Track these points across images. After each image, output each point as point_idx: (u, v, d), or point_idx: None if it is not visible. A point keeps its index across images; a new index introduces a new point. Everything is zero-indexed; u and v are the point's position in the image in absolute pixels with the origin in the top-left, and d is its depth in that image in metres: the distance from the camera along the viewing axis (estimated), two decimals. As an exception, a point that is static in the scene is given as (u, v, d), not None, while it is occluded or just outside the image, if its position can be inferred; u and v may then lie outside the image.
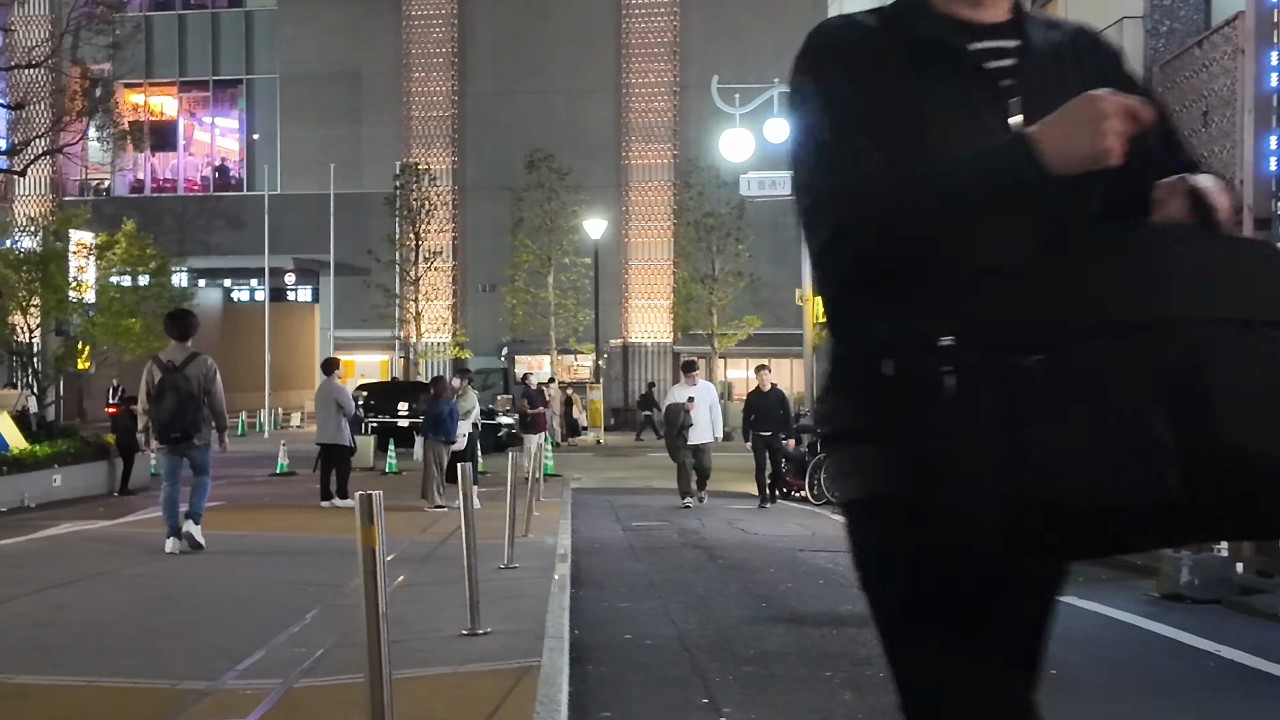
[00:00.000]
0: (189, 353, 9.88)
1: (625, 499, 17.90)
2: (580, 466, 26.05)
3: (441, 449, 14.79)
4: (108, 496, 19.95)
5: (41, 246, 22.13)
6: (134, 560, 9.20)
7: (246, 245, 43.69)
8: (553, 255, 37.53)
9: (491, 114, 43.33)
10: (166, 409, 9.54)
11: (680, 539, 12.08)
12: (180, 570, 8.77)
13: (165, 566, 8.94)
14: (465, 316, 43.27)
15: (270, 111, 45.76)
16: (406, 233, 38.94)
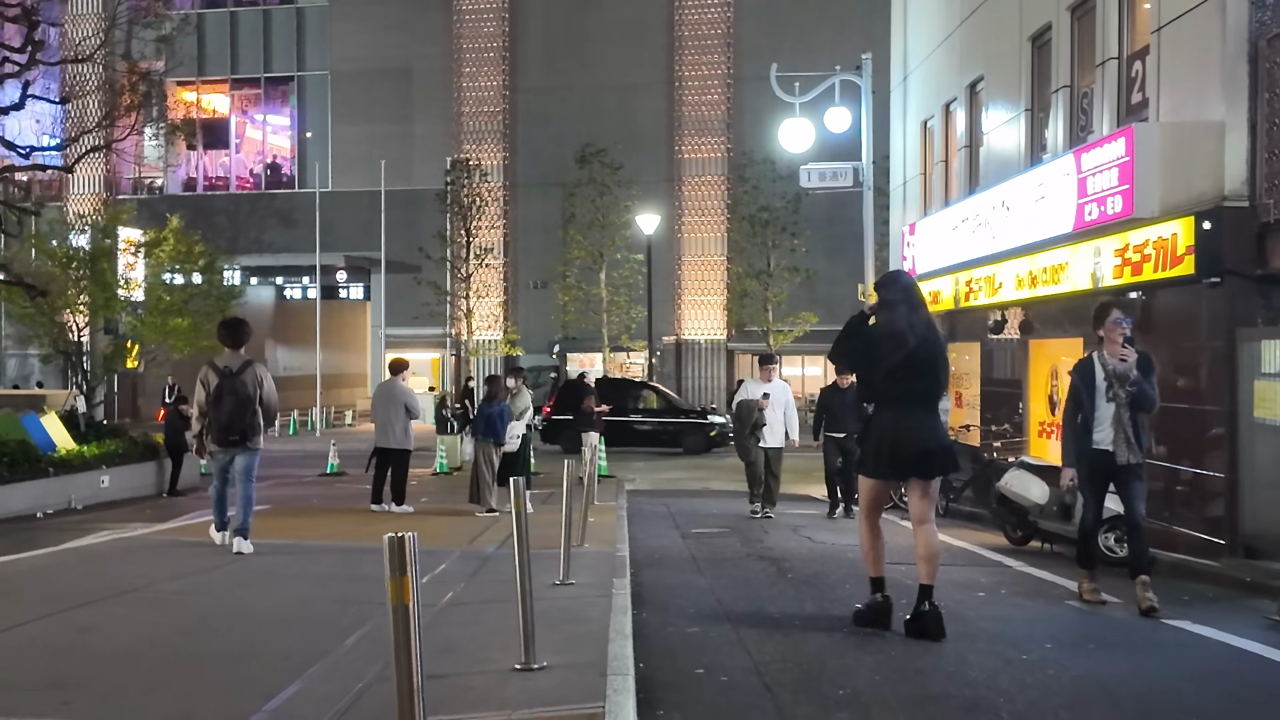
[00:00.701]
0: (243, 359, 10.31)
1: (683, 503, 17.26)
2: (634, 466, 25.46)
3: (492, 451, 14.23)
4: (156, 498, 19.62)
5: (90, 244, 21.82)
6: (170, 573, 8.70)
7: (298, 243, 43.56)
8: (605, 251, 36.95)
9: (542, 109, 42.84)
10: (225, 412, 10.00)
11: (744, 549, 11.42)
12: (217, 585, 8.25)
13: (202, 581, 8.43)
14: (516, 314, 42.82)
15: (321, 108, 45.60)
16: (457, 229, 38.53)
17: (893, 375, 6.74)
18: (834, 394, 14.65)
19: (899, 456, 6.82)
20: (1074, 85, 13.79)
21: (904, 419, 6.78)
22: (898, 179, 21.71)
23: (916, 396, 6.78)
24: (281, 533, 11.65)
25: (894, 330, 6.75)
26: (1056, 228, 13.06)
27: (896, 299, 6.88)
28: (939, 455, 6.87)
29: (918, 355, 6.72)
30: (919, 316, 6.87)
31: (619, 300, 37.07)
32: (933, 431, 6.85)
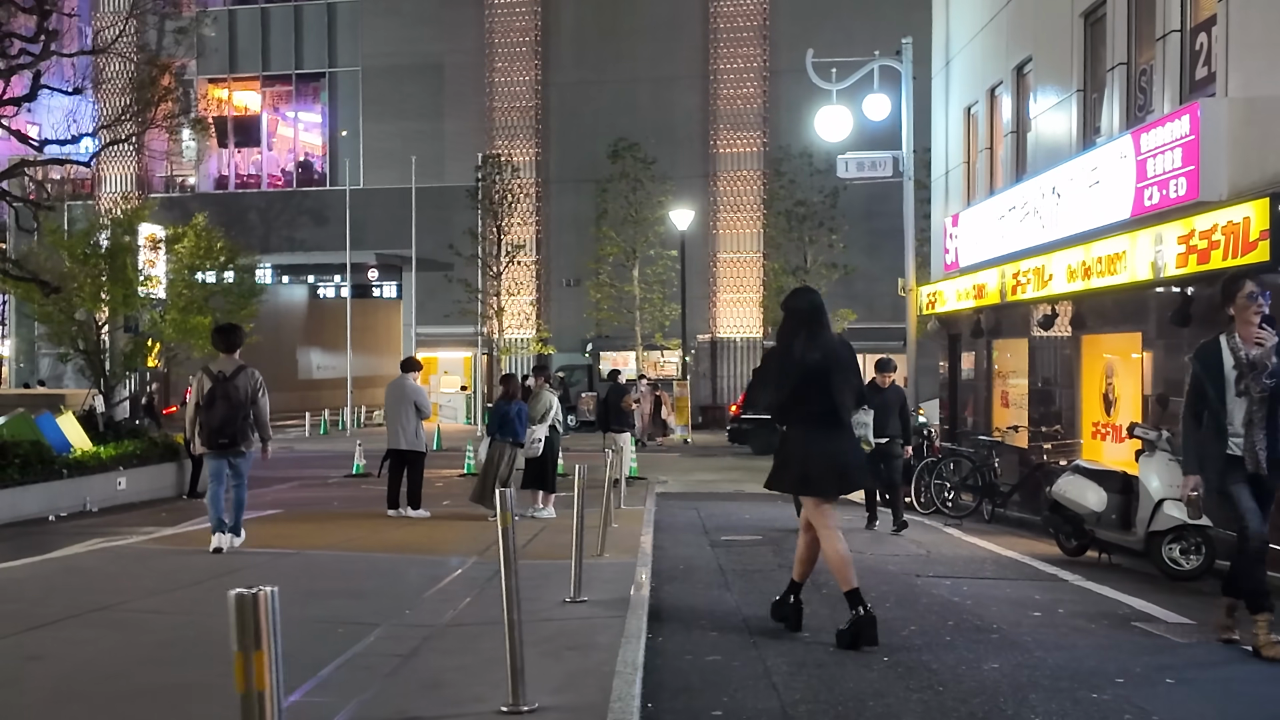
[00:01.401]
0: (238, 364, 10.34)
1: (714, 507, 16.50)
2: (666, 468, 24.73)
3: (506, 450, 13.52)
4: (175, 500, 19.06)
5: (110, 239, 21.31)
6: (150, 587, 8.04)
7: (330, 241, 43.12)
8: (638, 248, 36.19)
9: (575, 104, 42.16)
10: (216, 416, 10.07)
11: (776, 559, 10.64)
12: (197, 602, 7.57)
13: (182, 597, 7.75)
14: (549, 312, 42.17)
15: (353, 105, 45.14)
16: (489, 226, 37.90)
17: (799, 395, 6.76)
18: (872, 393, 13.02)
19: (807, 474, 6.86)
20: (1131, 62, 12.88)
21: (812, 437, 6.81)
22: (939, 169, 20.82)
23: (824, 415, 6.78)
24: (287, 539, 11.00)
25: (797, 350, 6.76)
26: (1112, 214, 12.18)
27: (801, 317, 6.91)
28: (845, 475, 6.97)
29: (822, 374, 6.72)
30: (824, 334, 6.87)
31: (652, 297, 36.30)
32: (840, 449, 6.88)
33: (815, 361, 6.71)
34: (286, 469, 25.27)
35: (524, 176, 40.71)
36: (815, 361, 6.71)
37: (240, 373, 10.23)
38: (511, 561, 4.79)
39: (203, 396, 10.16)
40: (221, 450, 10.19)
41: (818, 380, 6.71)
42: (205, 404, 10.11)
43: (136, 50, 21.26)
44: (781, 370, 6.82)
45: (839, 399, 6.76)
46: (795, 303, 7.06)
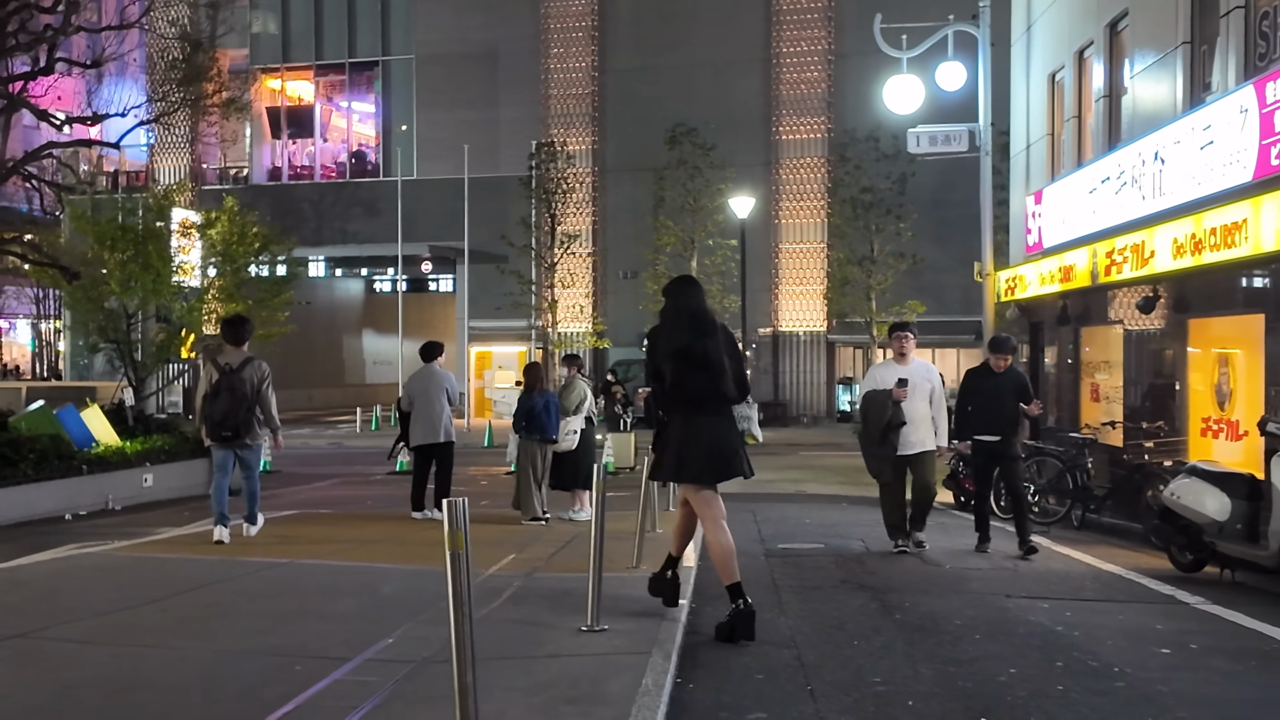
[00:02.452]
0: (245, 356, 10.33)
1: (772, 510, 15.08)
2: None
3: (537, 449, 12.22)
4: (205, 497, 18.03)
5: (142, 224, 20.33)
6: (91, 608, 6.80)
7: (383, 233, 42.15)
8: (696, 237, 34.75)
9: (633, 90, 40.83)
10: (220, 409, 10.09)
11: (839, 572, 9.23)
12: (140, 627, 6.30)
13: (119, 625, 6.45)
14: (605, 305, 40.90)
15: (406, 94, 44.19)
16: (543, 216, 36.67)
17: (678, 384, 6.66)
18: (982, 379, 10.89)
19: (683, 461, 6.75)
20: (1250, 5, 11.25)
21: (691, 425, 6.71)
22: (1019, 145, 19.17)
23: (704, 403, 6.68)
24: (286, 546, 9.78)
25: (675, 339, 6.68)
26: (1230, 178, 10.60)
27: (679, 306, 6.82)
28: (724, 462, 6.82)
29: (701, 362, 6.62)
30: (704, 322, 6.76)
31: (711, 289, 34.74)
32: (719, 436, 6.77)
33: (693, 350, 6.59)
34: (332, 465, 24.28)
35: (579, 165, 39.47)
36: (693, 350, 6.59)
37: (247, 365, 10.19)
38: (463, 608, 3.45)
39: (209, 388, 10.17)
40: (225, 442, 10.26)
41: (697, 369, 6.60)
42: (210, 395, 10.13)
43: (170, 27, 20.22)
44: (659, 359, 6.72)
45: (720, 387, 6.64)
46: (674, 291, 6.98)
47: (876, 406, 10.39)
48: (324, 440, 32.73)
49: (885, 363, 11.03)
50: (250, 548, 9.50)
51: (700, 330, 6.68)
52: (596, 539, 6.15)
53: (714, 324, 6.80)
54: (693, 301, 6.86)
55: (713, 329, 6.74)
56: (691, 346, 6.60)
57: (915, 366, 10.69)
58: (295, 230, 44.60)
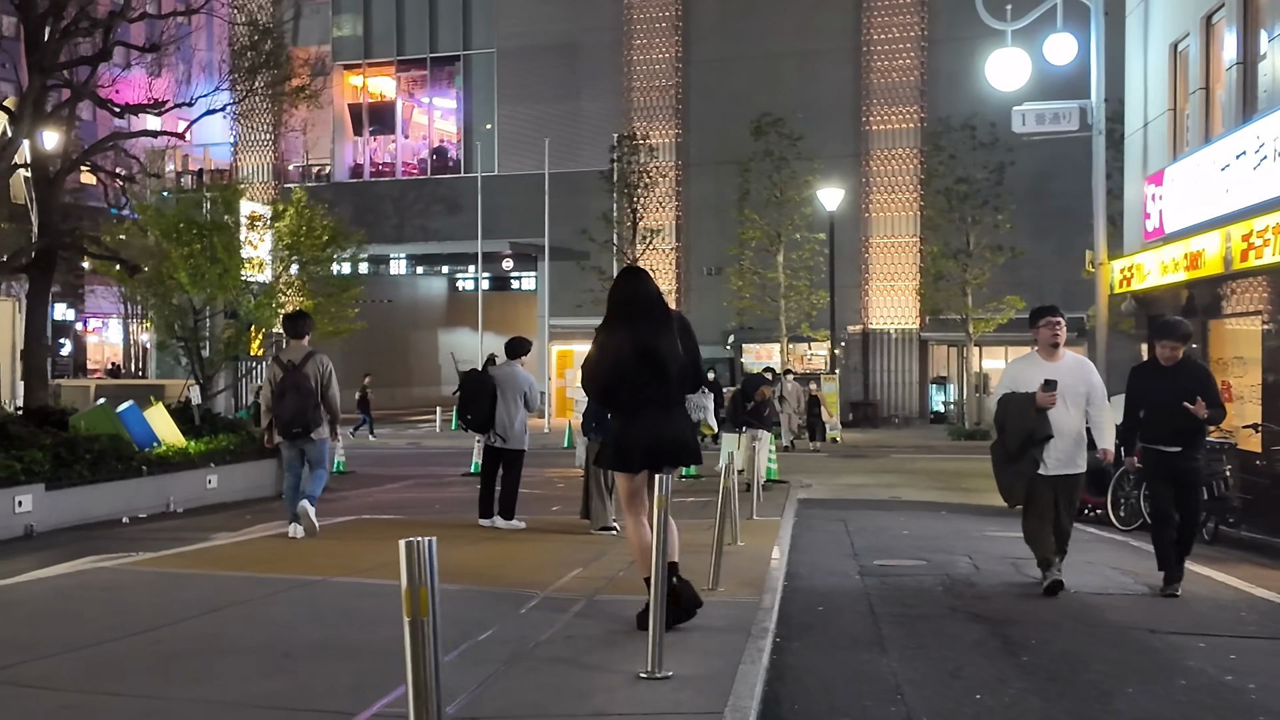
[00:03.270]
0: (306, 351, 10.37)
1: (864, 518, 13.89)
2: (811, 469, 22.08)
3: (606, 451, 11.18)
4: (273, 499, 17.34)
5: (210, 217, 19.72)
6: (73, 641, 5.85)
7: (463, 230, 41.54)
8: (782, 231, 33.45)
9: (717, 81, 39.69)
10: (288, 407, 10.12)
11: (947, 597, 8.04)
12: (110, 669, 5.26)
13: (100, 659, 5.47)
14: (688, 302, 39.77)
15: (487, 88, 43.56)
16: (624, 210, 35.67)
17: (624, 379, 6.45)
18: (1151, 377, 8.62)
19: (621, 449, 6.54)
20: None
21: (636, 416, 6.49)
22: (1134, 123, 17.67)
23: (650, 398, 6.45)
24: (329, 559, 8.87)
25: (619, 334, 6.48)
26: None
27: (623, 299, 6.57)
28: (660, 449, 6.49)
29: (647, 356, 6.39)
30: (651, 314, 6.49)
31: (798, 285, 33.51)
32: (660, 424, 6.48)
33: (638, 344, 6.37)
34: (407, 466, 23.57)
35: (662, 159, 38.42)
36: (638, 344, 6.37)
37: (309, 360, 10.25)
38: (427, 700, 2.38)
39: (274, 387, 10.20)
40: (295, 439, 10.28)
41: (642, 363, 6.39)
42: (276, 395, 10.17)
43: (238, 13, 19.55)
44: (603, 354, 6.50)
45: (669, 379, 6.43)
46: (619, 284, 6.76)
47: (1015, 413, 8.17)
48: (403, 440, 32.12)
49: (1028, 357, 8.65)
50: (284, 561, 8.60)
51: (651, 321, 6.45)
52: (659, 567, 5.05)
53: (666, 314, 6.55)
54: (642, 293, 6.58)
55: (665, 320, 6.50)
56: (638, 343, 6.37)
57: (1067, 364, 8.37)
58: (376, 227, 44.31)
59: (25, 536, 13.21)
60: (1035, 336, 8.51)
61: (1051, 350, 8.39)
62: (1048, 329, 8.38)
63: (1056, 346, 8.40)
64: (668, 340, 6.39)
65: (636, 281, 6.68)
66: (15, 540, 12.92)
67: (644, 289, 6.58)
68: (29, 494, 13.54)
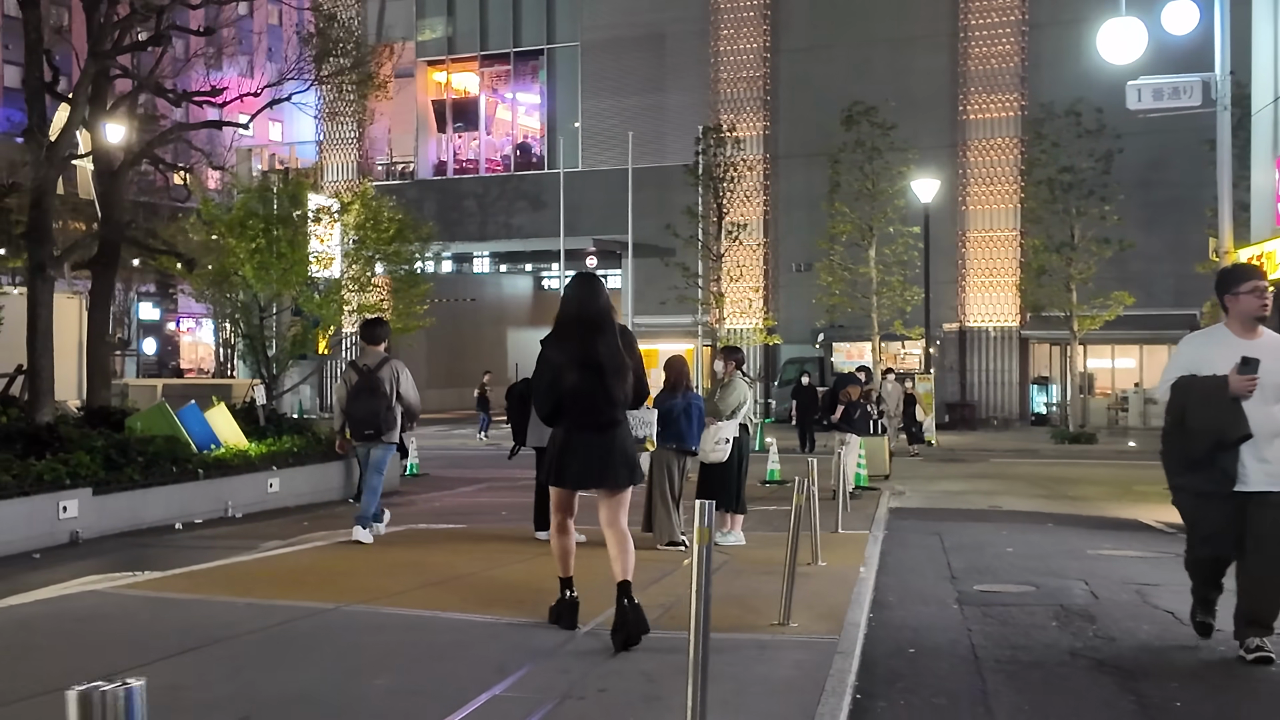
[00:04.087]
0: (381, 357, 10.64)
1: (962, 532, 12.64)
2: (904, 475, 20.78)
3: (674, 460, 10.12)
4: (338, 503, 16.59)
5: (277, 210, 19.07)
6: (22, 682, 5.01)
7: (547, 226, 40.85)
8: (874, 224, 32.03)
9: (806, 71, 38.42)
10: (361, 408, 10.44)
11: (1064, 635, 6.84)
12: None
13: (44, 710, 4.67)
14: (776, 300, 38.55)
15: (571, 83, 42.80)
16: (709, 204, 34.56)
17: (565, 393, 6.29)
18: None
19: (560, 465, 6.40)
20: None
21: (576, 432, 6.36)
22: (1263, 98, 16.08)
23: (590, 412, 6.30)
24: (352, 581, 7.96)
25: (560, 347, 6.37)
26: None
27: (567, 310, 6.42)
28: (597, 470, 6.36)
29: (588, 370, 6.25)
30: (594, 327, 6.31)
31: (891, 281, 32.07)
32: (600, 441, 6.34)
33: (582, 360, 6.28)
34: (483, 468, 22.76)
35: (750, 152, 37.27)
36: (582, 360, 6.28)
37: (384, 365, 10.50)
38: None
39: (349, 390, 10.53)
40: (366, 440, 10.55)
41: (585, 380, 6.28)
42: (351, 396, 10.48)
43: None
44: (545, 368, 6.40)
45: (611, 394, 6.31)
46: (566, 294, 6.60)
47: (1200, 403, 5.98)
48: (483, 440, 31.38)
49: (1211, 332, 6.46)
50: (303, 584, 7.70)
51: (596, 336, 6.29)
52: (699, 615, 3.95)
53: (612, 328, 6.39)
54: (588, 307, 6.39)
55: (608, 333, 6.34)
56: (588, 355, 6.24)
57: (1269, 344, 6.07)
58: (460, 225, 43.89)
59: (71, 544, 12.53)
60: (1228, 307, 6.18)
61: (1251, 325, 6.10)
62: (1253, 297, 6.06)
63: (1261, 320, 6.11)
64: (615, 358, 6.25)
65: (584, 291, 6.46)
66: (60, 548, 12.24)
67: (590, 301, 6.40)
68: (74, 499, 12.85)
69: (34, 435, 13.88)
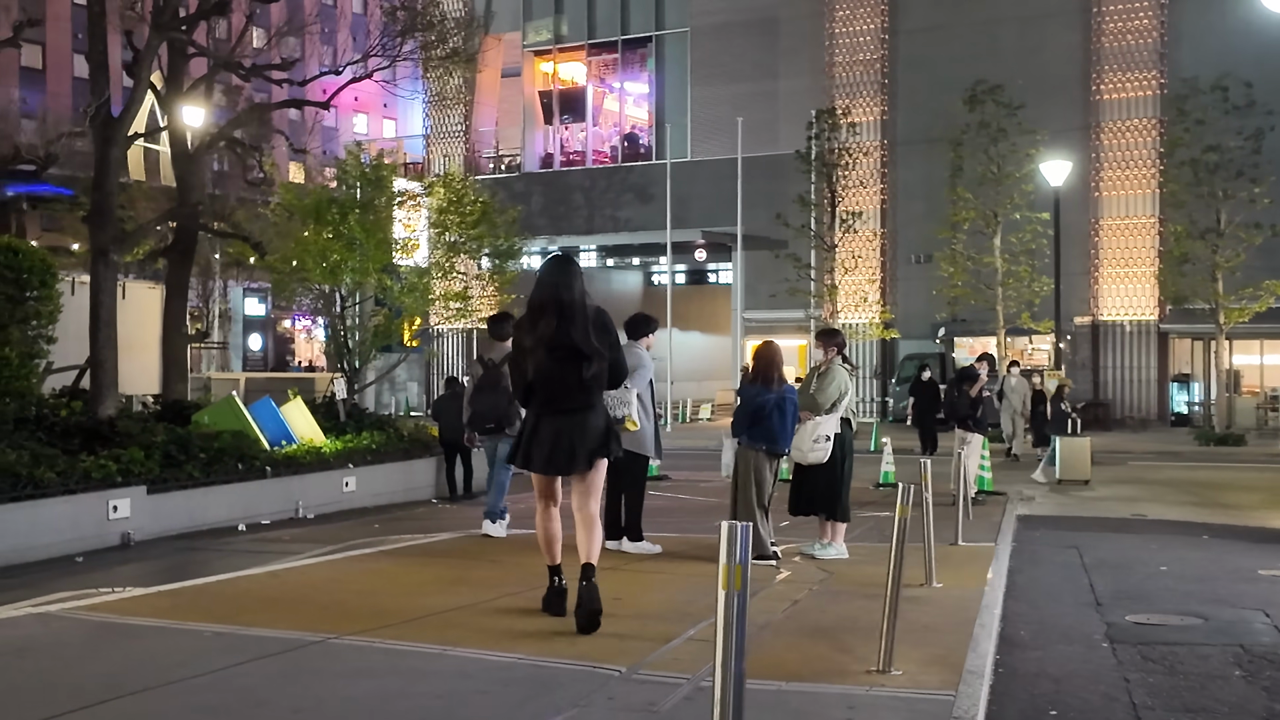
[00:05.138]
0: (506, 351, 9.82)
1: (1103, 545, 10.98)
2: (1027, 476, 18.99)
3: (763, 461, 8.69)
4: (422, 504, 15.54)
5: (359, 194, 18.12)
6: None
7: (655, 219, 39.56)
8: (1000, 211, 29.97)
9: (927, 53, 36.44)
10: (484, 402, 10.61)
11: (1250, 688, 5.28)
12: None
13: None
14: (894, 293, 36.66)
15: (680, 71, 41.48)
16: (822, 193, 32.87)
17: (538, 375, 6.35)
18: None
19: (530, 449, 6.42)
20: None
21: (547, 415, 6.39)
22: None
23: (563, 395, 6.34)
24: (363, 602, 6.75)
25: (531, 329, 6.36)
26: None
27: (539, 293, 6.41)
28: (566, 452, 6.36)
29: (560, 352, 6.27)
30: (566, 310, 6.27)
31: (1018, 271, 29.95)
32: (571, 425, 6.34)
33: (558, 341, 6.24)
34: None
35: (866, 138, 35.47)
36: (558, 341, 6.24)
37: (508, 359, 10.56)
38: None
39: (475, 384, 10.80)
40: (491, 435, 10.66)
41: (562, 361, 6.27)
42: (475, 390, 10.75)
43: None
44: (517, 352, 6.47)
45: (581, 378, 6.28)
46: (538, 277, 6.49)
47: None
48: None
49: None
50: (305, 605, 6.51)
51: (563, 319, 6.28)
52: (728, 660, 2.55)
53: (583, 311, 6.33)
54: (559, 287, 6.36)
55: (578, 317, 6.30)
56: (557, 337, 6.25)
57: None
58: (567, 219, 42.90)
59: (121, 546, 11.65)
60: None
61: None
62: None
63: None
64: (584, 340, 6.22)
65: (556, 274, 6.41)
66: (107, 551, 11.35)
67: (562, 284, 6.34)
68: (126, 498, 11.95)
69: (94, 430, 13.10)
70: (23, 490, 10.90)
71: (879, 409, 36.09)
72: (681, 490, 16.89)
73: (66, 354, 15.68)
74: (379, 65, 17.59)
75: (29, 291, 14.13)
